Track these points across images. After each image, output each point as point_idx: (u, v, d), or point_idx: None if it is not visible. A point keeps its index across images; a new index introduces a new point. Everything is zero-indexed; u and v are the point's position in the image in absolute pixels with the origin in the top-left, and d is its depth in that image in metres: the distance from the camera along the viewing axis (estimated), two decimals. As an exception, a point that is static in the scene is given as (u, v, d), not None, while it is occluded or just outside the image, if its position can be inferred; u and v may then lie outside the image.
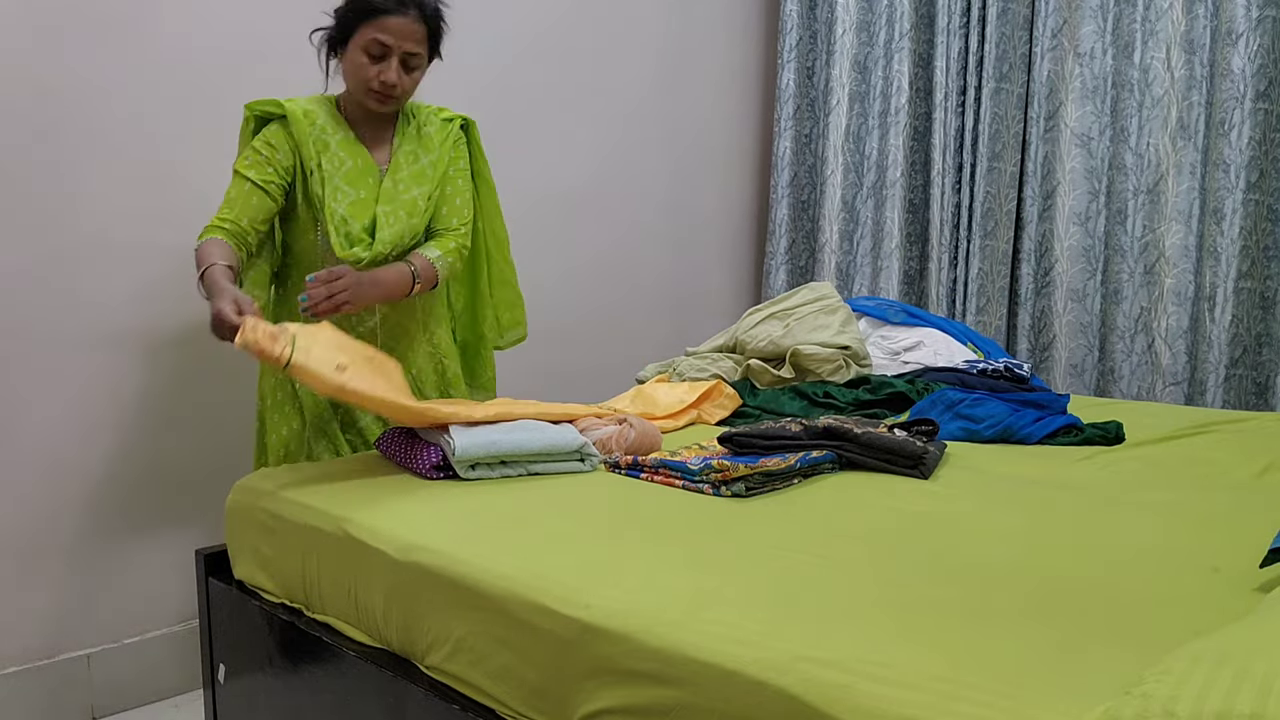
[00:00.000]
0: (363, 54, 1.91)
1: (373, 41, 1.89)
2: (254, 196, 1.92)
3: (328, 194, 1.95)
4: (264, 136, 1.96)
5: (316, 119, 1.98)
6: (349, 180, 1.98)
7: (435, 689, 1.32)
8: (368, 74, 1.91)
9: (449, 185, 2.10)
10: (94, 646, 2.24)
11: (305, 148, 1.95)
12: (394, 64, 1.91)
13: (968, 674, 0.93)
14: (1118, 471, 1.78)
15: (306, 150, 1.95)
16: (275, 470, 1.81)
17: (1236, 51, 2.72)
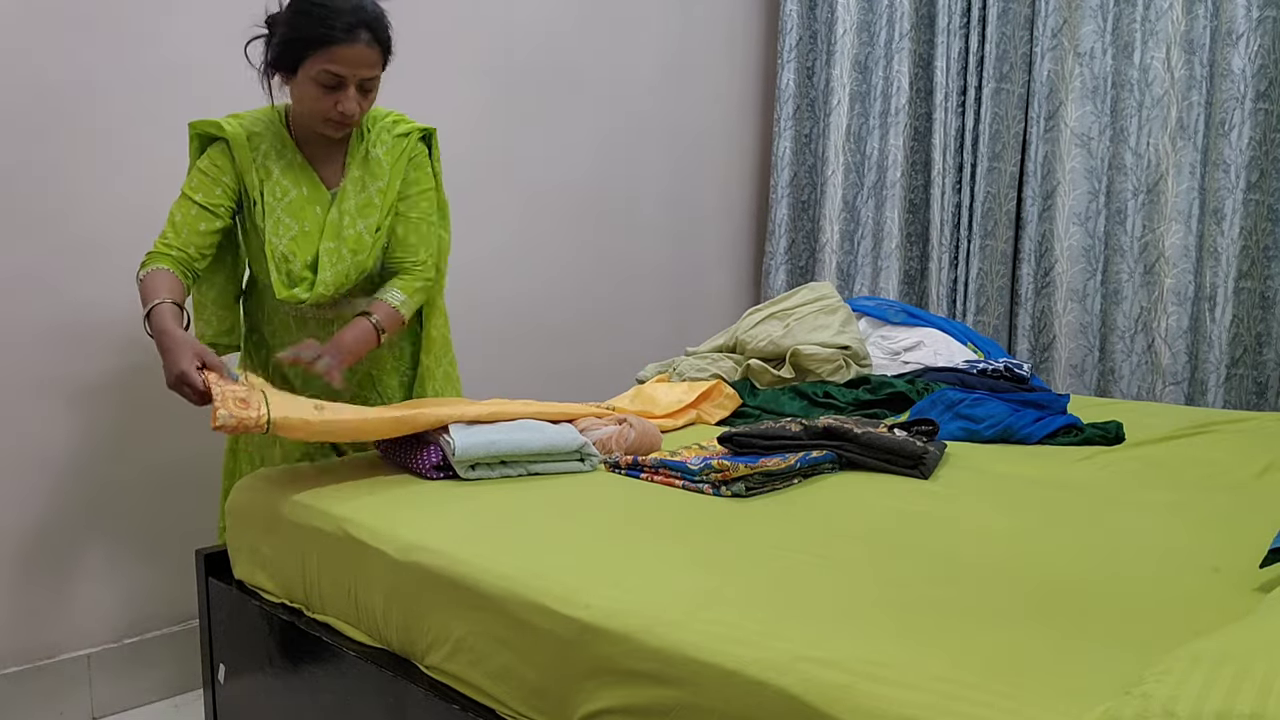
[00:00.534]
0: (314, 85, 1.76)
1: (324, 73, 1.74)
2: (201, 221, 1.82)
3: (269, 228, 1.85)
4: (209, 157, 1.84)
5: (261, 143, 1.85)
6: (291, 212, 1.86)
7: (435, 689, 1.32)
8: (322, 105, 1.78)
9: (408, 213, 1.96)
10: (94, 646, 2.24)
11: (248, 176, 1.84)
12: (350, 93, 1.78)
13: (968, 674, 0.93)
14: (1118, 471, 1.78)
15: (249, 179, 1.84)
16: (275, 470, 1.81)
17: (1237, 52, 2.72)
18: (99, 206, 2.18)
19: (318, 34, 1.72)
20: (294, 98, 1.82)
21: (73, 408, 2.18)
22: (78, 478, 2.19)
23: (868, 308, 2.82)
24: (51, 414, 2.15)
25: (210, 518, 2.33)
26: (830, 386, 2.32)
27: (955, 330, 2.73)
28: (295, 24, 1.74)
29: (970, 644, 1.00)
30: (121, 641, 2.27)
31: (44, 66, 2.09)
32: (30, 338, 2.11)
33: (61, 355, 2.15)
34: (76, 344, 2.17)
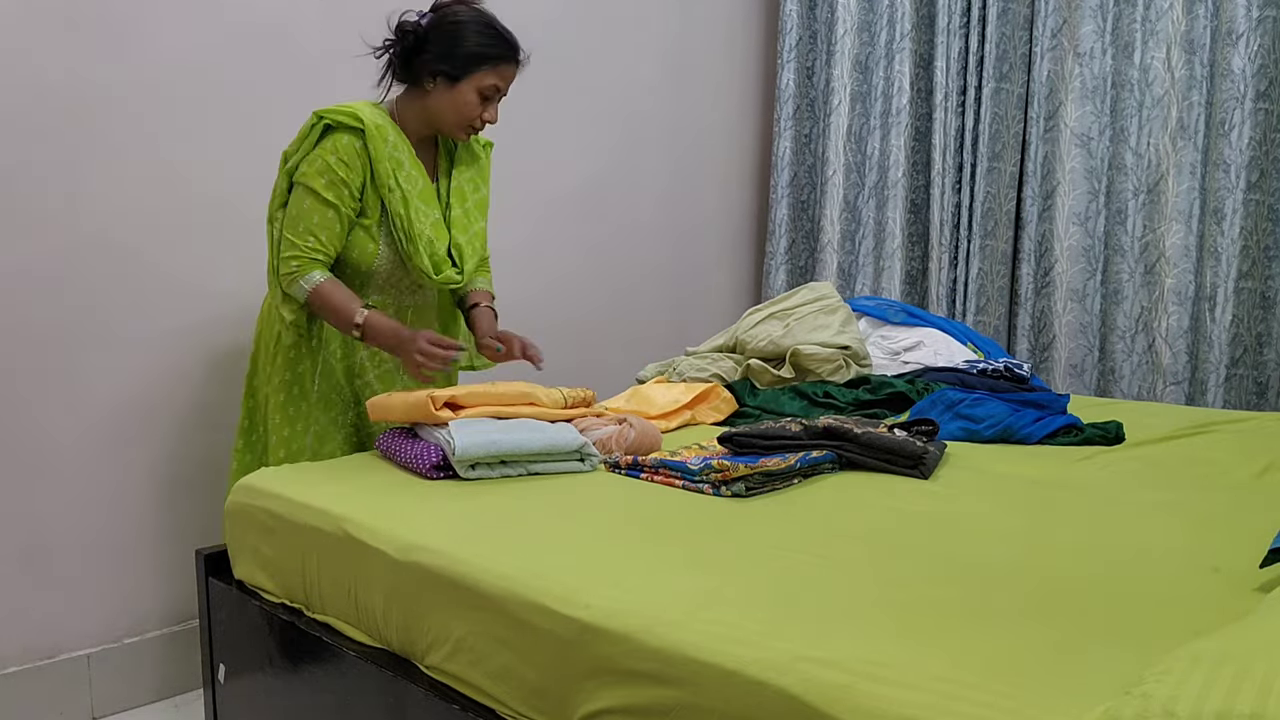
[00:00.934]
0: (476, 94, 1.98)
1: (490, 86, 1.99)
2: (338, 224, 1.94)
3: (412, 214, 1.98)
4: (335, 150, 1.92)
5: (388, 135, 1.98)
6: (424, 200, 2.02)
7: (435, 689, 1.32)
8: (474, 113, 1.99)
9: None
10: (94, 646, 2.24)
11: (381, 164, 1.95)
12: (496, 104, 2.03)
13: (968, 674, 0.93)
14: (1118, 471, 1.78)
15: (383, 167, 1.95)
16: (275, 470, 1.81)
17: (1237, 52, 2.72)
18: (99, 207, 2.18)
19: (496, 52, 1.99)
20: (441, 101, 1.99)
21: (73, 407, 2.18)
22: (78, 477, 2.19)
23: (868, 308, 2.82)
24: (51, 414, 2.15)
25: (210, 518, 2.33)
26: (830, 386, 2.32)
27: (955, 330, 2.73)
28: (472, 39, 1.97)
29: (970, 644, 1.00)
30: (121, 641, 2.27)
31: (44, 66, 2.09)
32: (30, 337, 2.11)
33: (62, 355, 2.15)
34: (77, 344, 2.17)
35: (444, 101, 1.99)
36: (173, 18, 2.26)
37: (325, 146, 1.93)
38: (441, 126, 2.03)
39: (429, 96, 1.99)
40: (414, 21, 1.99)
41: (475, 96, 1.98)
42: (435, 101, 1.99)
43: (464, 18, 1.98)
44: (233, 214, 2.38)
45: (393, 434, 1.84)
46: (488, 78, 1.98)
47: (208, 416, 2.37)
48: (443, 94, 1.98)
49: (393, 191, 1.96)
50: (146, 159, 2.24)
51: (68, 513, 2.18)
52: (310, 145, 1.95)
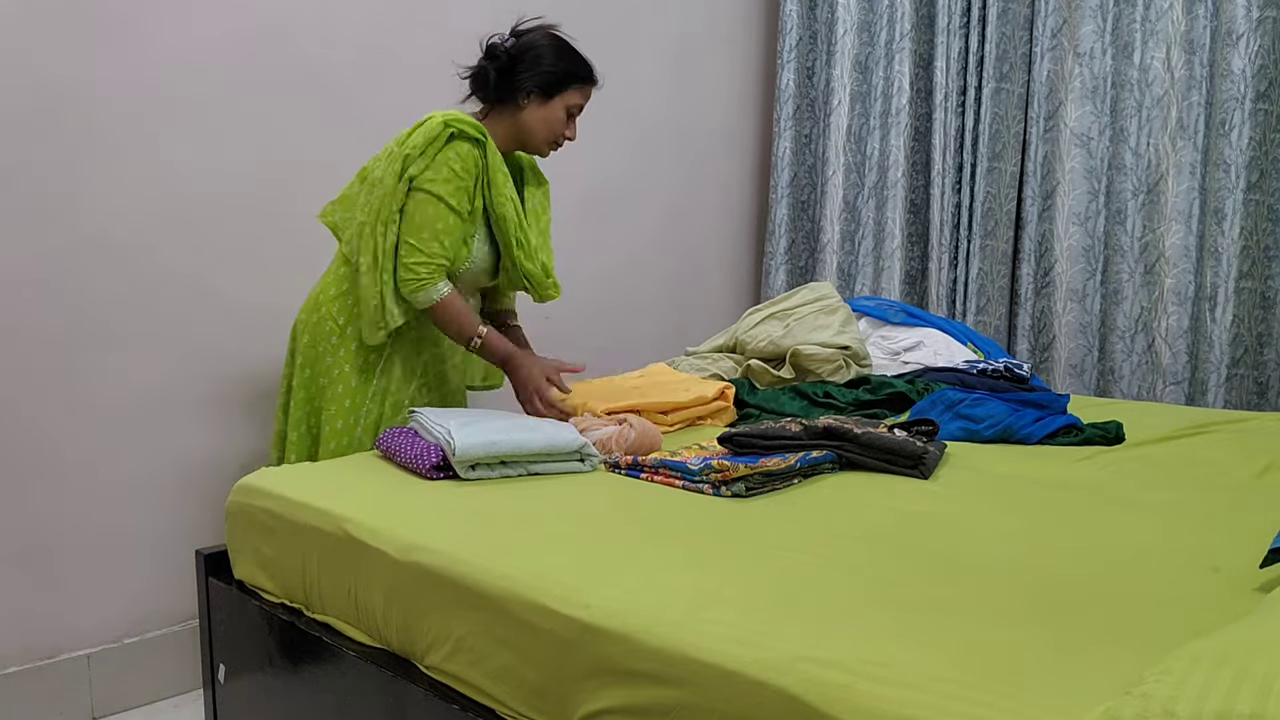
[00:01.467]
0: (564, 111, 2.13)
1: (576, 104, 2.15)
2: (459, 231, 2.04)
3: (525, 222, 2.13)
4: (460, 158, 2.00)
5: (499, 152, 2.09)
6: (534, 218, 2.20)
7: (435, 689, 1.32)
8: (561, 129, 2.15)
9: None
10: (94, 646, 2.24)
11: (497, 174, 2.06)
12: (575, 122, 2.18)
13: (968, 674, 0.93)
14: (1118, 471, 1.78)
15: (498, 176, 2.06)
16: (275, 470, 1.81)
17: (1237, 52, 2.72)
18: (99, 206, 2.18)
19: (584, 72, 2.15)
20: (534, 117, 2.12)
21: (73, 408, 2.18)
22: (78, 477, 2.19)
23: (868, 308, 2.82)
24: (52, 414, 2.15)
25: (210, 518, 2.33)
26: (830, 386, 2.32)
27: (955, 330, 2.73)
28: (563, 60, 2.13)
29: (970, 644, 1.00)
30: (121, 641, 2.27)
31: (45, 67, 2.09)
32: (30, 337, 2.11)
33: (61, 355, 2.15)
34: (77, 344, 2.17)
35: (537, 117, 2.12)
36: (173, 18, 2.26)
37: (448, 154, 2.00)
38: (529, 141, 2.16)
39: (523, 112, 2.12)
40: (503, 44, 2.12)
41: (564, 113, 2.14)
42: (529, 117, 2.12)
43: (552, 42, 2.14)
44: (233, 214, 2.39)
45: (393, 434, 1.84)
46: (575, 96, 2.14)
47: (208, 416, 2.37)
48: (536, 110, 2.12)
49: (507, 203, 2.07)
50: (147, 159, 2.24)
51: (68, 513, 2.18)
52: (434, 151, 2.00)
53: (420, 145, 2.00)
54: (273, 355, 2.48)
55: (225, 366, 2.40)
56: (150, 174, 2.25)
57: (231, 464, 2.37)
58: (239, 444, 2.42)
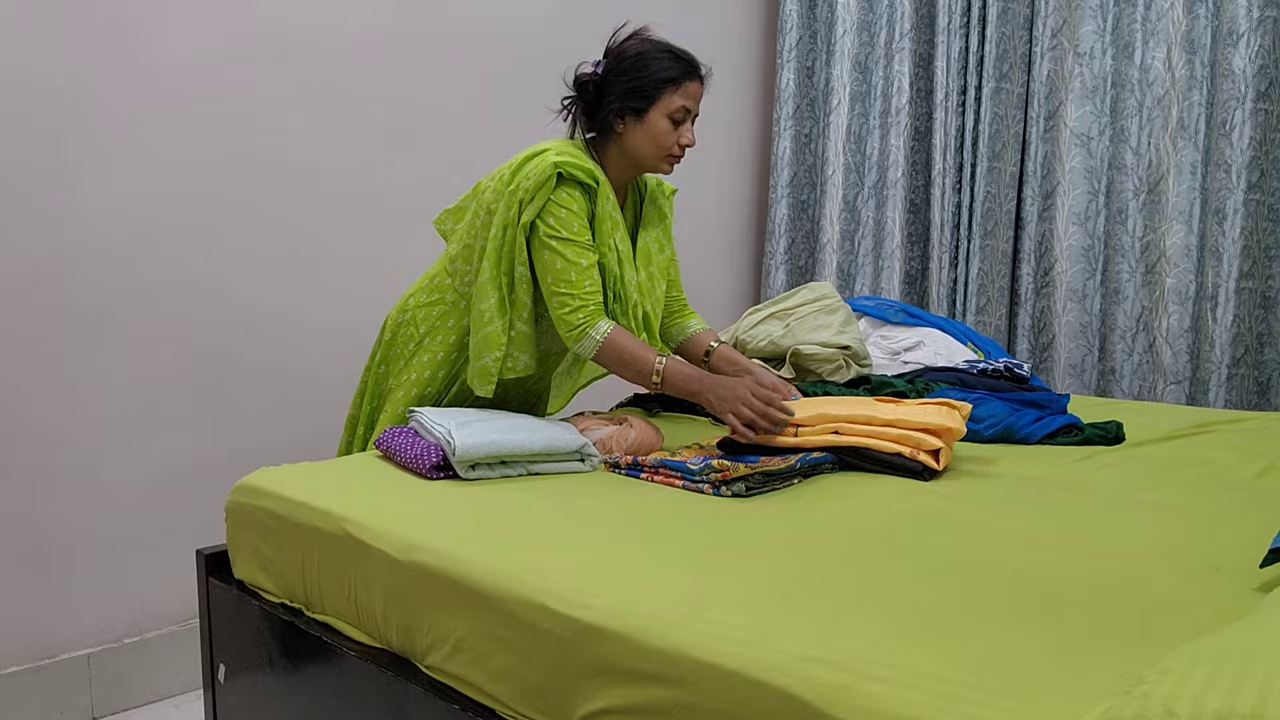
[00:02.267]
0: (667, 120, 1.93)
1: (679, 108, 1.93)
2: (595, 257, 1.91)
3: (626, 277, 1.97)
4: (571, 200, 1.89)
5: (609, 193, 1.95)
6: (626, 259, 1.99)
7: (435, 689, 1.32)
8: (670, 140, 1.95)
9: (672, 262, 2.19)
10: (94, 646, 2.24)
11: (604, 223, 1.93)
12: (690, 126, 1.97)
13: (968, 674, 0.93)
14: (1118, 471, 1.78)
15: (604, 226, 1.93)
16: (275, 470, 1.81)
17: (1237, 52, 2.72)
18: (100, 207, 2.18)
19: (676, 72, 1.92)
20: (636, 138, 1.95)
21: (73, 408, 2.18)
22: (78, 477, 2.19)
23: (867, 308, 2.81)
24: (51, 414, 2.15)
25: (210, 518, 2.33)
26: (830, 386, 2.32)
27: (955, 330, 2.73)
28: (647, 67, 1.92)
29: (971, 644, 1.00)
30: (121, 641, 2.27)
31: (46, 69, 2.09)
32: (30, 337, 2.11)
33: (62, 355, 2.15)
34: (77, 344, 2.17)
35: (638, 137, 1.95)
36: (173, 20, 2.26)
37: (560, 196, 1.88)
38: (643, 163, 1.99)
39: (623, 138, 1.97)
40: (590, 72, 1.98)
41: (666, 123, 1.94)
42: (630, 140, 1.96)
43: (635, 50, 1.95)
44: (233, 215, 2.39)
45: (393, 433, 1.84)
46: (674, 100, 1.93)
47: (208, 417, 2.37)
48: (634, 130, 1.95)
49: (611, 252, 1.94)
50: (146, 160, 2.25)
51: (68, 513, 2.18)
52: (545, 195, 1.88)
53: (531, 190, 1.88)
54: (272, 355, 2.48)
55: (225, 366, 2.40)
56: (149, 175, 2.25)
57: (231, 464, 2.37)
58: (239, 443, 2.42)
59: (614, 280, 1.95)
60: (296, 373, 2.52)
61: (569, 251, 1.87)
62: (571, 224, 1.88)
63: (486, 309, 1.92)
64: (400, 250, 2.72)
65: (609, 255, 1.94)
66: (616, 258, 1.95)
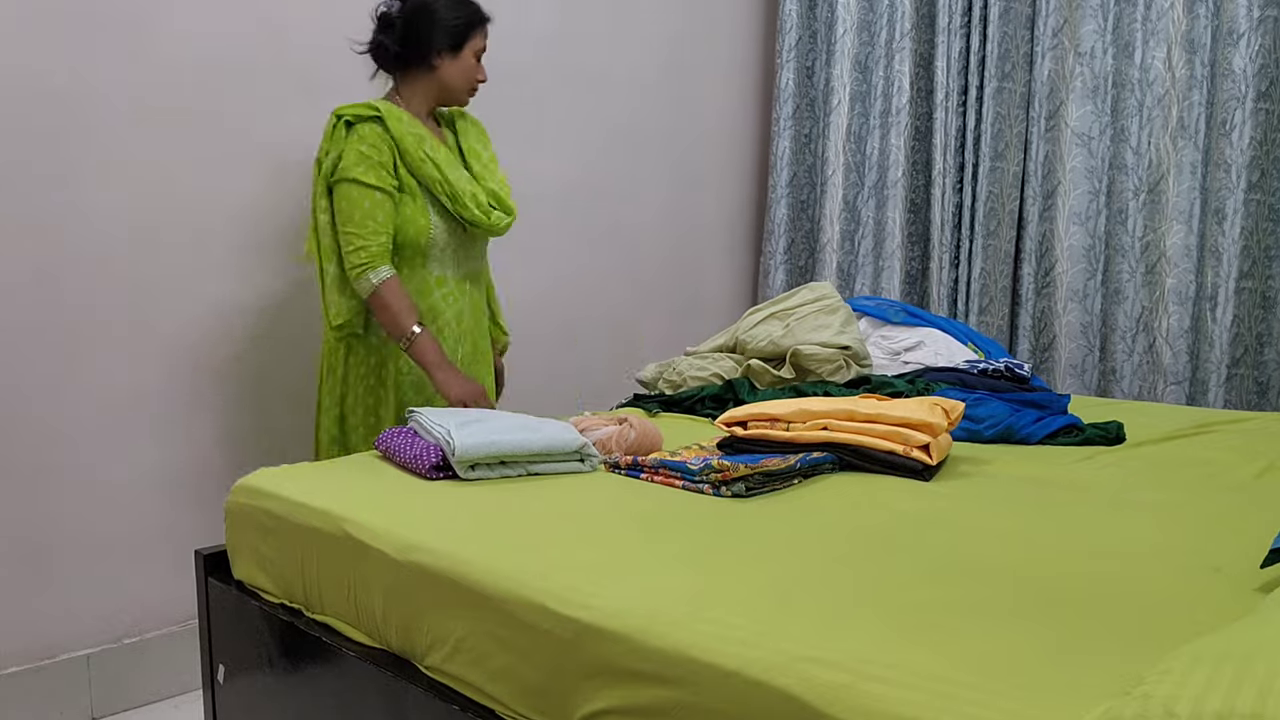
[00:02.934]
0: (474, 57, 2.20)
1: (481, 47, 2.21)
2: (389, 204, 2.09)
3: (448, 175, 2.13)
4: (362, 138, 2.07)
5: (402, 117, 2.13)
6: (448, 164, 2.17)
7: (435, 689, 1.32)
8: (476, 73, 2.22)
9: None
10: (94, 646, 2.24)
11: (405, 141, 2.10)
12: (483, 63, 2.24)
13: (968, 674, 0.93)
14: (1118, 471, 1.78)
15: (408, 143, 2.10)
16: (275, 470, 1.81)
17: (1238, 51, 2.72)
18: (100, 207, 2.18)
19: (480, 17, 2.20)
20: (450, 71, 2.19)
21: (73, 407, 2.18)
22: (78, 477, 2.19)
23: (868, 308, 2.81)
24: (51, 414, 2.15)
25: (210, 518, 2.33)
26: (830, 386, 2.32)
27: (956, 330, 2.73)
28: (458, 11, 2.16)
29: (970, 644, 1.00)
30: (121, 641, 2.27)
31: (46, 70, 2.09)
32: (30, 338, 2.11)
33: (62, 356, 2.15)
34: (77, 345, 2.17)
35: (453, 70, 2.18)
36: (173, 20, 2.26)
37: (352, 140, 2.07)
38: (451, 95, 2.22)
39: (438, 71, 2.18)
40: (391, 13, 2.16)
41: (474, 59, 2.20)
42: (445, 73, 2.18)
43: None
44: (233, 216, 2.39)
45: (393, 433, 1.84)
46: (479, 40, 2.20)
47: (207, 417, 2.37)
48: (450, 65, 2.18)
49: (424, 162, 2.12)
50: (145, 161, 2.25)
51: (68, 513, 2.18)
52: (339, 144, 2.08)
53: (325, 143, 2.11)
54: (271, 356, 2.48)
55: (225, 367, 2.40)
56: (149, 176, 2.25)
57: (230, 464, 2.37)
58: (238, 444, 2.42)
59: (439, 184, 2.13)
60: (296, 373, 2.52)
61: (355, 193, 2.06)
62: (360, 166, 2.06)
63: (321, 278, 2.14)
64: (400, 250, 2.72)
65: (424, 165, 2.12)
66: (433, 163, 2.12)
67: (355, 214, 2.06)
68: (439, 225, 2.16)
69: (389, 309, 2.06)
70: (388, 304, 2.06)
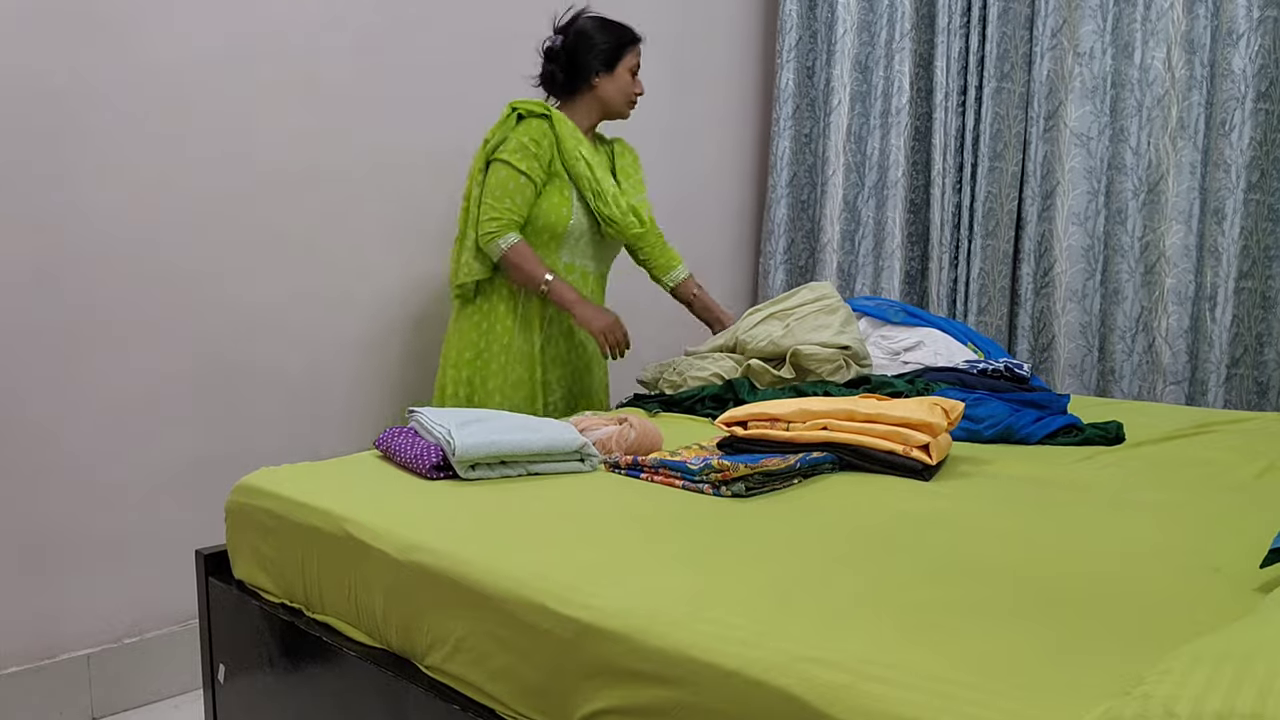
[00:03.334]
0: (629, 73, 2.48)
1: (635, 64, 2.48)
2: (530, 190, 2.34)
3: (598, 174, 2.39)
4: (528, 132, 2.33)
5: (568, 123, 2.40)
6: (600, 166, 2.44)
7: (435, 689, 1.32)
8: (632, 88, 2.49)
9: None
10: (94, 646, 2.24)
11: (567, 141, 2.37)
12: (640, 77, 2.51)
13: (968, 674, 0.93)
14: (1118, 471, 1.78)
15: (569, 143, 2.36)
16: (275, 470, 1.81)
17: (1237, 51, 2.72)
18: (100, 207, 2.18)
19: (630, 37, 2.49)
20: (608, 89, 2.47)
21: (73, 408, 2.18)
22: (78, 477, 2.19)
23: (867, 308, 2.81)
24: (51, 414, 2.15)
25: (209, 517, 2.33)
26: (830, 386, 2.32)
27: (956, 330, 2.73)
28: (609, 33, 2.46)
29: (970, 644, 1.00)
30: (121, 641, 2.27)
31: (47, 69, 2.09)
32: (30, 338, 2.11)
33: (62, 355, 2.15)
34: (77, 344, 2.17)
35: (611, 89, 2.47)
36: (173, 20, 2.26)
37: (519, 130, 2.33)
38: (612, 109, 2.50)
39: (597, 90, 2.46)
40: (555, 44, 2.47)
41: (628, 76, 2.48)
42: (604, 91, 2.47)
43: (594, 24, 2.47)
44: (233, 214, 2.39)
45: (392, 433, 1.84)
46: (631, 58, 2.48)
47: (207, 416, 2.37)
48: (607, 83, 2.46)
49: (578, 160, 2.38)
50: (145, 161, 2.25)
51: (68, 513, 2.18)
52: (508, 130, 2.34)
53: (496, 128, 2.36)
54: (272, 355, 2.48)
55: (225, 366, 2.40)
56: (149, 175, 2.25)
57: (231, 464, 2.37)
58: (238, 444, 2.42)
59: (588, 181, 2.39)
60: (296, 372, 2.52)
61: (505, 173, 2.32)
62: (518, 153, 2.31)
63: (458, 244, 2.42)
64: (401, 250, 2.72)
65: (578, 162, 2.37)
66: (587, 163, 2.38)
67: (499, 190, 2.30)
68: (579, 217, 2.40)
69: (521, 266, 2.31)
70: (519, 262, 2.31)
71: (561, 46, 2.45)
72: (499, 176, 2.32)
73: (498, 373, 2.41)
